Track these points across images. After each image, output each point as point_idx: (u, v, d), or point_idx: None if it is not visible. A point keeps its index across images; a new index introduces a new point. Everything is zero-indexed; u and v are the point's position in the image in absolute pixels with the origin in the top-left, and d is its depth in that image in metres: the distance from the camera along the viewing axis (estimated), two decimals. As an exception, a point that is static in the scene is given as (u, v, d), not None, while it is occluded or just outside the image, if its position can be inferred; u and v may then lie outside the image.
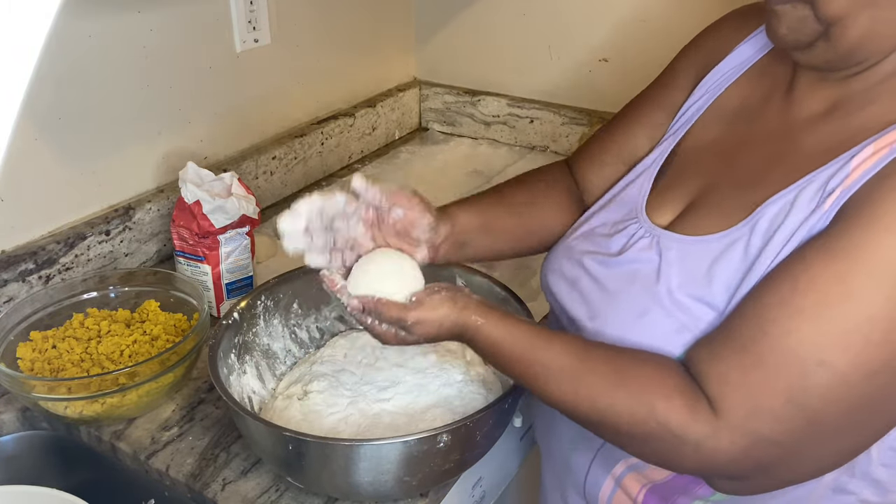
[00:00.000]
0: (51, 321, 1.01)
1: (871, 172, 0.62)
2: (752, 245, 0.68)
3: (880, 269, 0.58)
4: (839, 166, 0.64)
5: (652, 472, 0.76)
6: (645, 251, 0.76)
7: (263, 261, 1.28)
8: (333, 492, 0.83)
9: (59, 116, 1.09)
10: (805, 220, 0.65)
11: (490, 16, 1.71)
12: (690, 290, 0.70)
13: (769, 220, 0.67)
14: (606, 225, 0.82)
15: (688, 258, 0.72)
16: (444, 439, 0.75)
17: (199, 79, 1.30)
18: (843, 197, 0.63)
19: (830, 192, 0.64)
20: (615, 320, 0.75)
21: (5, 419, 0.96)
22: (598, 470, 0.81)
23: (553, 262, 0.86)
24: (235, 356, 0.92)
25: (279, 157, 1.47)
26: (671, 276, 0.72)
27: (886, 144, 0.62)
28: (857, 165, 0.63)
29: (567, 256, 0.84)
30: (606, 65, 1.60)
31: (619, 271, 0.77)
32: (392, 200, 0.79)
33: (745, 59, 0.81)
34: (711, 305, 0.69)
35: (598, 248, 0.80)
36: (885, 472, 0.69)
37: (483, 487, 0.97)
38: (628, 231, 0.79)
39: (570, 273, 0.82)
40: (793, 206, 0.66)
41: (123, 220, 1.18)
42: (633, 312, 0.73)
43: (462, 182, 1.59)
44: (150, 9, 1.17)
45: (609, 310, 0.76)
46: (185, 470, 0.87)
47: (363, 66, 1.71)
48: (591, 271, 0.79)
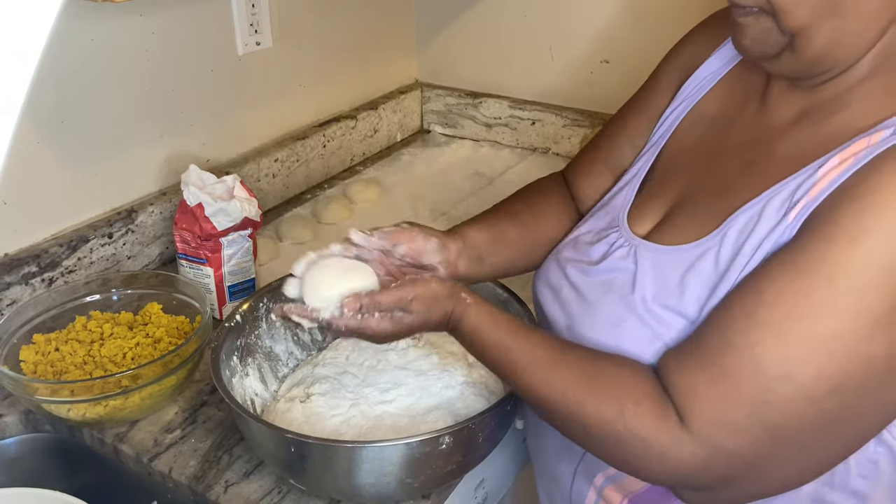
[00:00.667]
0: (54, 324, 1.01)
1: (835, 184, 0.62)
2: (721, 256, 0.68)
3: (843, 283, 0.58)
4: (806, 176, 0.65)
5: (629, 482, 0.76)
6: (622, 260, 0.77)
7: (265, 263, 1.28)
8: (336, 494, 0.83)
9: (61, 119, 1.09)
10: (772, 231, 0.65)
11: (491, 18, 1.71)
12: (663, 299, 0.71)
13: (738, 231, 0.68)
14: (591, 233, 0.84)
15: (661, 268, 0.73)
16: (447, 441, 0.75)
17: (201, 81, 1.30)
18: (808, 208, 0.63)
19: (796, 203, 0.64)
20: (592, 328, 0.76)
21: (8, 422, 0.96)
22: (581, 480, 0.82)
23: (542, 271, 0.88)
24: (238, 358, 0.92)
25: (281, 159, 1.47)
26: (646, 286, 0.73)
27: (851, 155, 0.62)
28: (822, 176, 0.63)
29: (554, 264, 0.85)
30: (608, 66, 1.60)
31: (597, 280, 0.78)
32: (392, 240, 0.81)
33: (723, 63, 0.81)
34: (684, 315, 0.69)
35: (581, 257, 0.82)
36: (864, 483, 0.68)
37: (485, 489, 0.97)
38: (609, 239, 0.80)
39: (554, 281, 0.84)
40: (761, 217, 0.66)
41: (126, 222, 1.19)
42: (609, 321, 0.74)
43: (464, 184, 1.59)
44: (151, 12, 1.18)
45: (586, 318, 0.77)
46: (188, 472, 0.87)
47: (365, 68, 1.71)
48: (572, 279, 0.81)
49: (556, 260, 0.86)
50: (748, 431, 0.61)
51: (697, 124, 0.82)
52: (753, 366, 0.60)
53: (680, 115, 0.83)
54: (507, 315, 0.75)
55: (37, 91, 1.06)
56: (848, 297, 0.58)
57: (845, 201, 0.60)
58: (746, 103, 0.77)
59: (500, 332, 0.73)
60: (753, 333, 0.61)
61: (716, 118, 0.80)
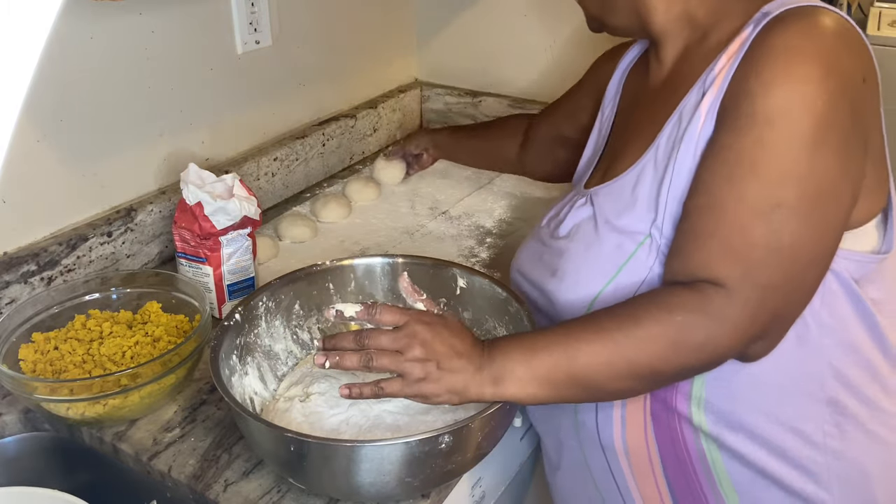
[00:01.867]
0: (53, 323, 1.01)
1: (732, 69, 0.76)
2: (658, 160, 0.81)
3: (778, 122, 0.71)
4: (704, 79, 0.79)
5: None
6: (581, 207, 0.89)
7: (265, 262, 1.28)
8: (335, 493, 0.83)
9: (60, 118, 1.09)
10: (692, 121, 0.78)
11: (491, 17, 1.71)
12: (623, 218, 0.83)
13: (665, 137, 0.81)
14: (560, 204, 0.96)
15: (613, 196, 0.86)
16: (446, 440, 0.75)
17: (201, 80, 1.30)
18: (719, 94, 0.76)
19: (704, 95, 0.78)
20: (574, 268, 0.86)
21: (7, 421, 0.96)
22: (603, 408, 0.86)
23: (522, 249, 0.98)
24: (237, 357, 0.92)
25: (280, 158, 1.47)
26: (606, 216, 0.85)
27: (733, 51, 0.77)
28: (718, 71, 0.77)
29: (534, 239, 0.96)
30: (607, 65, 1.60)
31: (565, 231, 0.90)
32: None
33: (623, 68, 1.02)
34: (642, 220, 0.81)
35: (554, 222, 0.94)
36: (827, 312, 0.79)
37: (483, 488, 0.97)
38: (572, 201, 0.93)
39: (535, 251, 0.94)
40: (680, 117, 0.80)
41: (125, 221, 1.19)
42: (584, 254, 0.85)
43: (463, 183, 1.59)
44: (151, 10, 1.18)
45: (567, 263, 0.87)
46: (187, 471, 0.87)
47: (364, 67, 1.71)
48: (548, 243, 0.92)
49: (535, 235, 0.97)
50: (771, 261, 0.72)
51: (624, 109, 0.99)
52: (749, 211, 0.72)
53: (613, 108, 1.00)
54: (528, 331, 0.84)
55: (36, 90, 1.06)
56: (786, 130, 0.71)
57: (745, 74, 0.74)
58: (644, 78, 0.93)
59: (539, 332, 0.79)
60: (736, 188, 0.72)
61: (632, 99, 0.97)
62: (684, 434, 0.82)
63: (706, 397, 0.80)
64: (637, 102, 0.94)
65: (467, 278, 1.00)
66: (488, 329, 0.99)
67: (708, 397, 0.80)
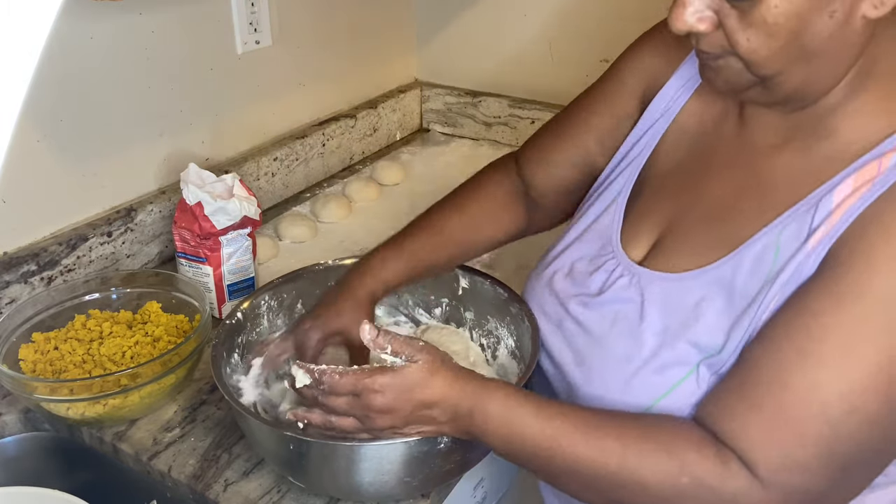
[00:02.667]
0: (53, 322, 1.01)
1: (857, 210, 0.62)
2: (736, 285, 0.68)
3: (889, 308, 0.59)
4: (818, 199, 0.65)
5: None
6: (625, 290, 0.75)
7: (265, 262, 1.28)
8: (335, 492, 0.83)
9: (60, 118, 1.09)
10: (791, 259, 0.65)
11: (491, 17, 1.71)
12: (675, 330, 0.70)
13: (753, 259, 0.68)
14: (584, 260, 0.82)
15: (669, 297, 0.72)
16: (445, 440, 0.75)
17: (201, 80, 1.30)
18: (832, 237, 0.63)
19: (815, 229, 0.64)
20: (601, 365, 0.75)
21: (7, 420, 0.96)
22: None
23: (533, 294, 0.87)
24: (239, 356, 0.92)
25: (280, 158, 1.47)
26: (654, 317, 0.72)
27: (866, 181, 0.63)
28: (839, 202, 0.63)
29: (548, 292, 0.84)
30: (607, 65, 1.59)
31: (601, 313, 0.77)
32: None
33: (692, 75, 0.80)
34: (697, 345, 0.69)
35: (580, 290, 0.80)
36: None
37: (484, 489, 0.97)
38: (606, 267, 0.79)
39: (552, 312, 0.83)
40: (778, 244, 0.66)
41: (125, 221, 1.19)
42: (618, 356, 0.73)
43: (463, 183, 1.59)
44: (151, 10, 1.18)
45: (595, 355, 0.76)
46: (187, 471, 0.87)
47: (364, 67, 1.71)
48: (574, 314, 0.79)
49: (549, 288, 0.84)
50: (818, 468, 0.61)
51: (679, 142, 0.81)
52: (818, 405, 0.60)
53: (659, 131, 0.82)
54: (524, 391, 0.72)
55: (36, 90, 1.06)
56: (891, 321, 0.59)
57: (872, 230, 0.61)
58: (725, 120, 0.77)
59: (534, 400, 0.69)
60: (810, 371, 0.60)
61: (696, 136, 0.79)
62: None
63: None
64: (706, 153, 0.77)
65: (469, 278, 1.00)
66: (490, 329, 0.99)
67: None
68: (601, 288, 0.78)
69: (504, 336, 0.97)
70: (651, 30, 0.87)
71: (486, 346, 1.00)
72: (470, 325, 1.02)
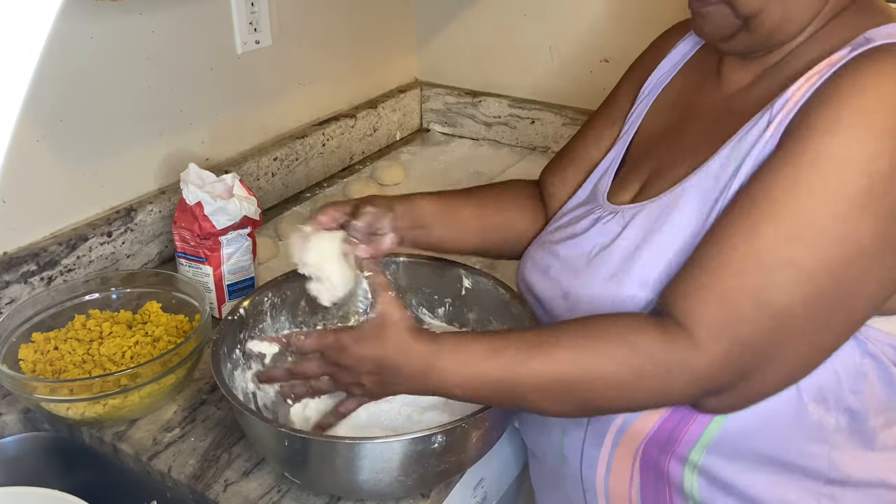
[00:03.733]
0: (53, 322, 1.01)
1: (808, 94, 0.68)
2: (704, 188, 0.73)
3: (826, 169, 0.63)
4: (776, 101, 0.70)
5: (639, 428, 0.77)
6: (608, 224, 0.81)
7: (265, 262, 1.28)
8: (334, 490, 0.83)
9: (60, 118, 1.09)
10: (752, 149, 0.70)
11: (491, 17, 1.71)
12: (648, 241, 0.75)
13: (719, 164, 0.73)
14: (573, 211, 0.88)
15: (645, 218, 0.77)
16: (439, 440, 0.75)
17: (201, 80, 1.30)
18: (785, 120, 0.68)
19: (772, 120, 0.69)
20: (585, 292, 0.79)
21: (7, 420, 0.96)
22: (591, 450, 0.82)
23: (528, 256, 0.91)
24: (240, 352, 0.92)
25: (280, 158, 1.47)
26: (629, 236, 0.77)
27: (817, 72, 0.68)
28: (793, 94, 0.69)
29: (541, 249, 0.89)
30: (608, 65, 1.60)
31: (585, 248, 0.81)
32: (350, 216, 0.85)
33: (677, 61, 0.90)
34: (665, 250, 0.74)
35: (565, 234, 0.85)
36: (856, 398, 0.71)
37: (485, 489, 0.97)
38: (593, 215, 0.84)
39: (542, 262, 0.87)
40: (740, 144, 0.71)
41: (125, 221, 1.18)
42: (599, 279, 0.78)
43: (463, 183, 1.59)
44: (151, 10, 1.18)
45: (577, 283, 0.80)
46: (187, 471, 0.87)
47: (364, 67, 1.71)
48: (561, 255, 0.84)
49: (541, 245, 0.89)
50: (756, 318, 0.65)
51: (662, 109, 0.88)
52: (755, 255, 0.65)
53: (646, 106, 0.90)
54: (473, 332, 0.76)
55: (36, 90, 1.06)
56: (832, 182, 0.63)
57: (816, 104, 0.66)
58: (703, 83, 0.84)
59: (482, 338, 0.72)
60: (751, 228, 0.65)
61: (677, 101, 0.87)
62: (672, 496, 0.78)
63: (703, 464, 0.75)
64: (687, 111, 0.85)
65: (473, 278, 1.00)
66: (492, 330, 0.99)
67: (705, 464, 0.75)
68: (586, 228, 0.83)
69: (504, 336, 0.97)
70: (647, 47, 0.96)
71: (487, 346, 1.00)
72: (473, 325, 1.02)
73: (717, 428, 0.73)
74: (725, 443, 0.73)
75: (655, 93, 0.89)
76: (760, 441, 0.73)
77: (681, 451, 0.75)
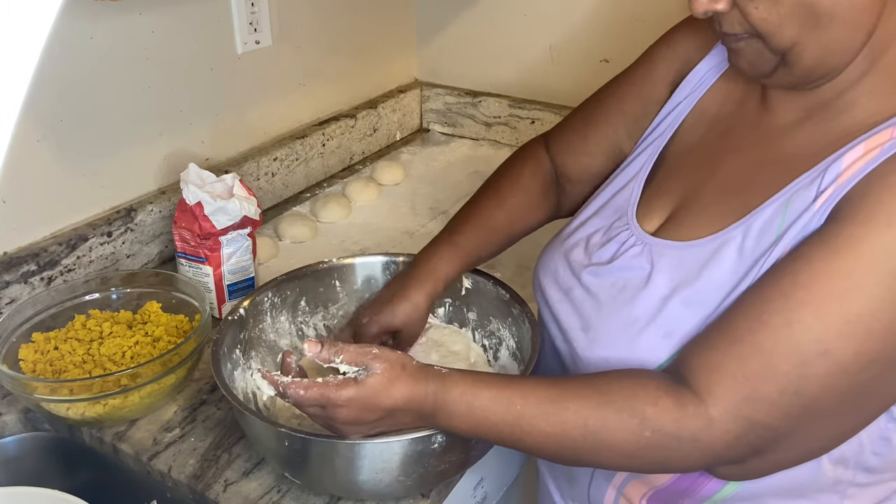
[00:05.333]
0: (53, 322, 1.01)
1: (865, 171, 0.63)
2: (745, 247, 0.69)
3: (881, 263, 0.60)
4: (828, 165, 0.66)
5: (653, 478, 0.76)
6: (636, 259, 0.76)
7: (265, 262, 1.28)
8: (334, 490, 0.83)
9: (60, 118, 1.09)
10: (799, 218, 0.66)
11: (491, 17, 1.71)
12: (680, 293, 0.71)
13: (763, 222, 0.68)
14: (600, 232, 0.83)
15: (678, 263, 0.73)
16: (439, 440, 0.75)
17: (201, 80, 1.30)
18: (837, 195, 0.64)
19: (823, 191, 0.65)
20: (607, 330, 0.76)
21: (7, 420, 0.96)
22: (600, 480, 0.82)
23: (548, 265, 0.87)
24: (240, 352, 0.92)
25: (280, 158, 1.47)
26: (660, 282, 0.73)
27: (877, 145, 0.64)
28: (848, 165, 0.64)
29: (563, 263, 0.84)
30: (607, 65, 1.60)
31: (610, 280, 0.78)
32: None
33: (720, 61, 0.82)
34: (697, 307, 0.70)
35: (592, 260, 0.81)
36: (877, 459, 0.70)
37: (485, 489, 0.97)
38: (619, 238, 0.80)
39: (564, 281, 0.83)
40: (787, 208, 0.67)
41: (125, 221, 1.18)
42: (624, 321, 0.74)
43: (463, 183, 1.59)
44: (151, 10, 1.18)
45: (601, 320, 0.77)
46: (187, 471, 0.87)
47: (364, 67, 1.71)
48: (584, 282, 0.80)
49: (564, 259, 0.85)
50: (782, 405, 0.62)
51: (699, 122, 0.82)
52: (792, 343, 0.61)
53: (682, 112, 0.84)
54: (487, 373, 0.74)
55: (36, 90, 1.06)
56: (885, 277, 0.60)
57: (878, 187, 0.61)
58: (746, 102, 0.79)
59: (491, 387, 0.70)
60: (790, 312, 0.62)
61: (717, 117, 0.81)
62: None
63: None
64: (726, 132, 0.79)
65: (472, 278, 1.00)
66: (492, 330, 0.99)
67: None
68: (612, 256, 0.79)
69: (506, 337, 0.97)
70: (687, 18, 0.88)
71: (489, 346, 1.00)
72: (472, 325, 1.02)
73: (733, 489, 0.71)
74: (738, 499, 0.72)
75: (696, 97, 0.83)
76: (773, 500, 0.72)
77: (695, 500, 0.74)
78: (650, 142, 0.85)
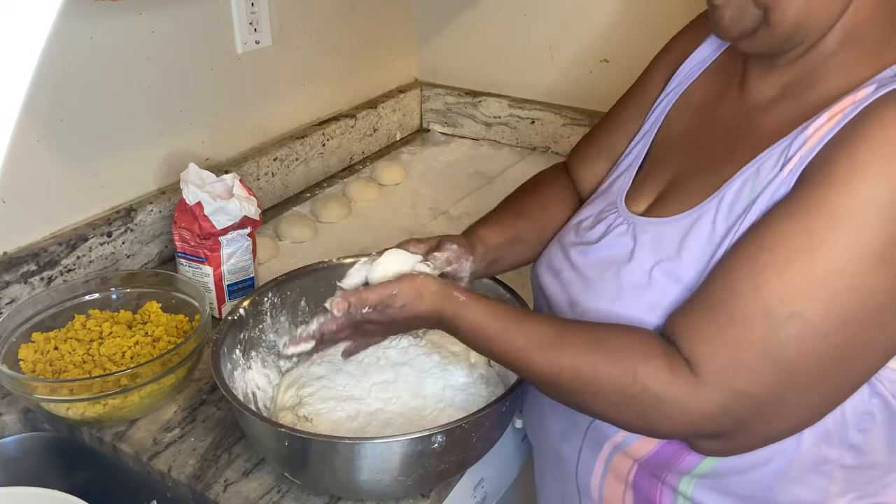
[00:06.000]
0: (53, 322, 1.01)
1: (828, 137, 0.65)
2: (718, 219, 0.71)
3: (842, 221, 0.61)
4: (797, 135, 0.68)
5: (637, 447, 0.77)
6: (621, 237, 0.79)
7: (264, 262, 1.28)
8: (334, 490, 0.83)
9: (60, 118, 1.09)
10: (767, 186, 0.68)
11: (491, 17, 1.71)
12: (661, 266, 0.74)
13: (733, 194, 0.71)
14: (590, 217, 0.86)
15: (660, 238, 0.76)
16: (439, 440, 0.75)
17: (201, 80, 1.30)
18: (803, 162, 0.66)
19: (789, 159, 0.67)
20: (592, 306, 0.78)
21: (7, 420, 0.96)
22: (588, 455, 0.83)
23: (544, 255, 0.90)
24: (240, 352, 0.92)
25: (280, 158, 1.47)
26: (643, 257, 0.76)
27: (840, 110, 0.66)
28: (813, 133, 0.67)
29: (556, 247, 0.88)
30: (608, 65, 1.60)
31: (596, 258, 0.81)
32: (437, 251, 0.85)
33: (705, 57, 0.86)
34: (679, 280, 0.72)
35: (581, 239, 0.85)
36: (861, 436, 0.71)
37: (485, 489, 0.97)
38: (607, 220, 0.83)
39: (556, 263, 0.86)
40: (756, 178, 0.70)
41: (125, 221, 1.18)
42: (609, 294, 0.77)
43: (463, 183, 1.59)
44: (151, 10, 1.18)
45: (586, 296, 0.79)
46: (187, 471, 0.87)
47: (364, 67, 1.71)
48: (573, 260, 0.83)
49: (558, 244, 0.88)
50: (761, 371, 0.63)
51: (684, 111, 0.86)
52: (761, 307, 0.63)
53: (669, 103, 0.88)
54: (503, 304, 0.77)
55: (36, 90, 1.06)
56: (847, 234, 0.61)
57: (837, 149, 0.63)
58: (727, 89, 0.82)
59: (500, 321, 0.74)
60: (757, 276, 0.64)
61: (701, 105, 0.84)
62: None
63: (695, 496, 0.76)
64: (708, 118, 0.82)
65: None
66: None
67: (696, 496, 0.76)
68: (600, 236, 0.82)
69: (504, 336, 0.97)
70: (683, 28, 0.92)
71: (487, 346, 1.00)
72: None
73: (714, 461, 0.73)
74: (720, 475, 0.73)
75: (681, 89, 0.87)
76: (756, 476, 0.72)
77: (672, 480, 0.76)
78: (642, 135, 0.89)
